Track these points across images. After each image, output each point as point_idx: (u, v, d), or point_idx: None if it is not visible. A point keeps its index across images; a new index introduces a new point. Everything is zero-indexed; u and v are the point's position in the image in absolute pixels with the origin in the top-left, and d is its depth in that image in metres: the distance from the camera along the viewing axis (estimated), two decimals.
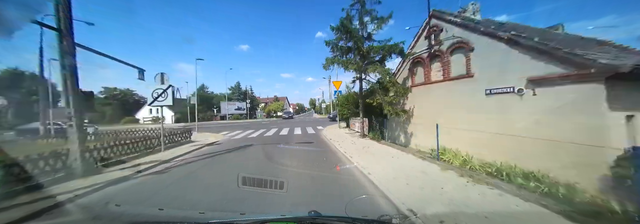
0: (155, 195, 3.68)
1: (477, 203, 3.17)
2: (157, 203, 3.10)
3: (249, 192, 2.95)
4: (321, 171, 5.36)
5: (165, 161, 6.54)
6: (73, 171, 4.72)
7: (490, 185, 3.95)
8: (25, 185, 3.33)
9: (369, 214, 1.37)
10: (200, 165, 6.17)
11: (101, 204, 2.31)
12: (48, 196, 2.90)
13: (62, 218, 1.63)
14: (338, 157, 6.90)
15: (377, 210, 2.41)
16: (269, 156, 7.12)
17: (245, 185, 2.41)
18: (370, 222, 1.25)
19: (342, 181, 4.54)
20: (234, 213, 2.61)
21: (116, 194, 3.78)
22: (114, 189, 4.13)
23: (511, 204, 3.18)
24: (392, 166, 5.40)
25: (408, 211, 2.73)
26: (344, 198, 3.36)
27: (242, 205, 3.01)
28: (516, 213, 2.89)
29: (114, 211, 2.02)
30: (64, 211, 1.80)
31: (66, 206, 1.98)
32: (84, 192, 3.77)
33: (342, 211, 1.43)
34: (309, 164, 6.07)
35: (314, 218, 1.24)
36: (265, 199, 3.11)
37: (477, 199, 3.35)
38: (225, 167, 5.95)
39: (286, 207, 2.95)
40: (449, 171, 4.88)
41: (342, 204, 1.85)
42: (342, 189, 4.05)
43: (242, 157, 7.07)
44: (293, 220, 1.20)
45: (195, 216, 2.04)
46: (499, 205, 3.13)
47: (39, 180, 3.83)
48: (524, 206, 3.06)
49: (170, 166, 6.04)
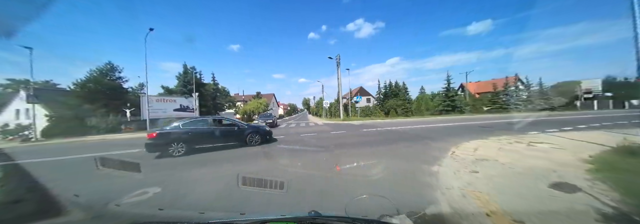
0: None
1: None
2: (157, 203, 2.97)
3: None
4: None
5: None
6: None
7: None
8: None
9: (369, 214, 1.36)
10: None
11: (101, 204, 2.13)
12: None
13: (61, 217, 1.34)
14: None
15: (377, 210, 1.82)
16: None
17: (245, 185, 2.33)
18: (370, 222, 1.23)
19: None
20: (234, 213, 2.62)
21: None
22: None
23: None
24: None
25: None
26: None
27: (242, 205, 2.91)
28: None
29: (114, 211, 1.93)
30: (64, 211, 1.48)
31: (66, 206, 1.62)
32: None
33: (342, 211, 1.47)
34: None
35: (314, 218, 1.22)
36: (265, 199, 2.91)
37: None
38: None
39: (286, 207, 2.88)
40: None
41: (342, 204, 2.04)
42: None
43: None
44: (293, 220, 1.17)
45: (195, 216, 2.00)
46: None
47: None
48: None
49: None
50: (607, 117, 16.73)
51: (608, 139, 6.31)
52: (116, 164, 3.20)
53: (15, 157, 5.95)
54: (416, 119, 22.49)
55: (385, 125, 15.67)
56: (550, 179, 3.33)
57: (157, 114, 22.11)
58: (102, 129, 18.75)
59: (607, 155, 4.63)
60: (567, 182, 3.21)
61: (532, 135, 8.16)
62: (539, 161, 4.44)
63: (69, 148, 10.29)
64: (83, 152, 8.54)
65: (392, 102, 31.01)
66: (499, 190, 3.03)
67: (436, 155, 5.58)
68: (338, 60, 25.35)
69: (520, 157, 4.89)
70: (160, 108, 22.53)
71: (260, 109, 39.75)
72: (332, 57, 25.81)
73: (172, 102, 23.81)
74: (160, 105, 22.63)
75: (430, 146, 6.89)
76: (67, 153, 8.41)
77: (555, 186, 3.06)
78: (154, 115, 21.87)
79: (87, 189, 3.68)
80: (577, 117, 18.16)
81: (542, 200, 2.68)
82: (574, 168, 3.91)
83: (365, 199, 2.48)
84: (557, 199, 2.70)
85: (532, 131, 9.04)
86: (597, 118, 15.78)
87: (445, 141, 7.74)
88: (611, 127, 9.88)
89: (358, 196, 2.67)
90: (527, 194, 2.86)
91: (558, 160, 4.48)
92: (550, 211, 2.41)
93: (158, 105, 22.46)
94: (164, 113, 22.65)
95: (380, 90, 34.73)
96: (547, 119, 15.95)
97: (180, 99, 24.68)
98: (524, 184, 3.25)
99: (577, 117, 17.40)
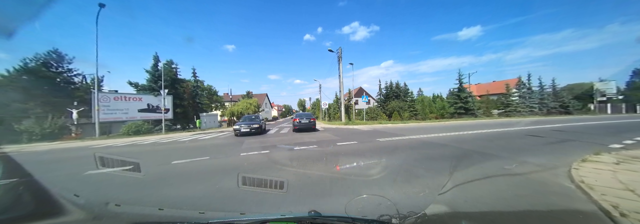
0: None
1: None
2: (157, 203, 3.04)
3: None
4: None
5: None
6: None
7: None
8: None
9: (369, 214, 1.38)
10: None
11: (101, 204, 1.89)
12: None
13: (61, 217, 1.29)
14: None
15: (377, 210, 2.04)
16: None
17: (245, 185, 2.35)
18: (370, 222, 1.24)
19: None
20: (234, 212, 2.60)
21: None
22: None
23: None
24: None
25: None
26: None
27: (242, 205, 2.84)
28: None
29: (114, 211, 1.81)
30: (64, 211, 1.40)
31: (66, 206, 1.50)
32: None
33: (342, 211, 1.57)
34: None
35: (314, 218, 1.24)
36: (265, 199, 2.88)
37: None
38: None
39: (286, 207, 2.74)
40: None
41: (342, 204, 2.18)
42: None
43: None
44: (293, 220, 1.19)
45: (195, 216, 2.04)
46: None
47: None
48: None
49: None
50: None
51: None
52: (116, 164, 2.84)
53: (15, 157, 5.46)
54: (431, 124, 19.02)
55: (401, 132, 12.03)
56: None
57: (116, 115, 17.86)
58: (36, 134, 14.43)
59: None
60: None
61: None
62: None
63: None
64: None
65: (394, 103, 27.70)
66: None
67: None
68: (340, 54, 21.72)
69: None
70: (121, 108, 18.28)
71: (250, 110, 35.68)
72: (333, 50, 22.16)
73: (137, 101, 19.56)
74: (121, 104, 18.37)
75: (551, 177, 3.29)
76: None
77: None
78: (112, 117, 17.61)
79: (87, 189, 3.77)
80: (620, 122, 16.07)
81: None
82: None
83: (365, 199, 2.60)
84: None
85: (615, 143, 7.00)
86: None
87: (551, 159, 4.22)
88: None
89: (358, 196, 2.79)
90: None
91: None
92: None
93: (118, 104, 18.21)
94: (125, 114, 18.41)
95: (381, 91, 31.48)
96: (589, 125, 13.61)
97: (148, 98, 20.44)
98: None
99: (620, 122, 15.53)
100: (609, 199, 2.75)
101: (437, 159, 5.38)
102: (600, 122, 15.56)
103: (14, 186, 1.39)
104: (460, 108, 26.91)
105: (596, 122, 15.60)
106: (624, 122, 15.28)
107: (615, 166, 4.35)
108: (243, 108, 35.35)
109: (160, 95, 19.22)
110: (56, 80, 17.02)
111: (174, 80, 24.57)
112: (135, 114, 18.99)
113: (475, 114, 27.06)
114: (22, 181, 1.54)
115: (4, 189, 1.33)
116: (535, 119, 21.58)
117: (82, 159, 7.17)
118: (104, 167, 2.74)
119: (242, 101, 38.47)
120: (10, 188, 1.36)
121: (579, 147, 6.47)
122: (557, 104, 31.64)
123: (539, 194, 3.15)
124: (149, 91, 21.67)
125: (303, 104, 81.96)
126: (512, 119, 24.10)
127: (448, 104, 28.39)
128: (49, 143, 13.34)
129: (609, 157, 5.09)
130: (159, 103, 20.11)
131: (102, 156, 2.77)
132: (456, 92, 28.23)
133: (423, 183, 3.61)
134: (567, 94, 32.41)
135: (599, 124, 14.66)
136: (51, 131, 14.85)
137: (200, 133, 16.89)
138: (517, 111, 28.97)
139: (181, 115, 24.68)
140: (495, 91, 40.14)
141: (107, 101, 17.08)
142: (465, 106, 26.76)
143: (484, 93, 41.11)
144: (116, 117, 17.68)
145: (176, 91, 24.02)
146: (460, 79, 28.23)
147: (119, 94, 18.72)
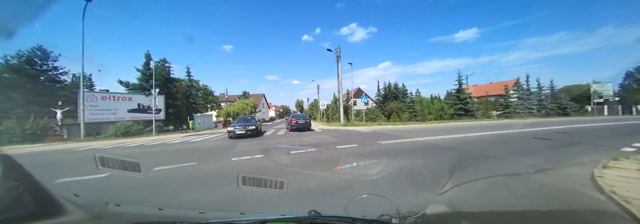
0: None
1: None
2: (157, 203, 3.06)
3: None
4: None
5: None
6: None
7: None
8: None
9: (369, 214, 1.35)
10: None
11: (101, 204, 1.86)
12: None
13: (61, 217, 1.25)
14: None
15: (377, 210, 1.79)
16: None
17: (245, 185, 2.30)
18: (370, 222, 1.23)
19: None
20: (234, 212, 2.61)
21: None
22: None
23: None
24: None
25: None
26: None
27: (242, 205, 2.89)
28: None
29: (114, 211, 1.79)
30: (64, 211, 1.35)
31: (66, 205, 1.42)
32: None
33: (342, 211, 1.52)
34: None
35: (313, 218, 1.23)
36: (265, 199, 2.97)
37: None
38: None
39: (286, 207, 2.85)
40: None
41: (341, 204, 2.10)
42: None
43: None
44: (293, 220, 1.19)
45: (195, 216, 2.01)
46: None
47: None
48: None
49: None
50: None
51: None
52: (116, 164, 2.71)
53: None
54: (431, 125, 18.58)
55: (403, 134, 11.52)
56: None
57: (104, 116, 17.05)
58: (16, 136, 13.59)
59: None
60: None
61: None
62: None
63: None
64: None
65: (393, 104, 27.27)
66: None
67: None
68: (338, 53, 21.18)
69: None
70: (109, 108, 17.47)
71: (246, 110, 34.97)
72: (331, 50, 21.62)
73: (127, 101, 18.76)
74: (109, 104, 17.56)
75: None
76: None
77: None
78: (100, 117, 16.81)
79: (87, 189, 3.78)
80: (620, 123, 15.93)
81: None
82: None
83: (365, 198, 2.53)
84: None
85: (626, 147, 6.54)
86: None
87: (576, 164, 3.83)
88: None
89: (358, 196, 2.72)
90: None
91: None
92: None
93: (106, 104, 17.41)
94: (114, 115, 17.60)
95: (380, 92, 31.04)
96: (591, 127, 13.33)
97: (139, 97, 19.65)
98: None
99: (620, 124, 15.41)
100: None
101: (449, 164, 4.85)
102: (601, 124, 15.25)
103: (14, 186, 1.34)
104: (460, 109, 26.57)
105: (597, 124, 15.29)
106: (625, 124, 15.04)
107: (624, 170, 3.96)
108: (239, 109, 34.62)
109: (151, 95, 18.45)
110: (40, 78, 16.18)
111: (167, 79, 23.78)
112: (125, 115, 18.19)
113: (475, 115, 26.75)
114: (22, 181, 1.44)
115: (4, 189, 1.30)
116: (534, 121, 21.32)
117: (57, 165, 6.49)
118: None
119: (239, 101, 37.74)
120: (10, 188, 1.32)
121: (591, 151, 6.05)
122: (555, 106, 31.55)
123: (568, 206, 2.79)
124: (139, 90, 20.87)
125: (301, 104, 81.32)
126: (512, 120, 23.83)
127: (447, 105, 28.03)
128: (30, 145, 12.54)
129: (630, 163, 4.70)
130: (150, 103, 19.32)
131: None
132: (455, 93, 27.89)
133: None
134: (565, 96, 32.35)
135: (600, 125, 14.35)
136: (33, 132, 14.01)
137: (192, 135, 16.17)
138: (516, 112, 28.76)
139: (174, 115, 23.88)
140: (493, 92, 40.03)
141: (94, 100, 16.28)
142: (464, 107, 26.42)
143: (482, 94, 40.98)
144: (104, 118, 16.88)
145: (169, 91, 23.23)
146: (459, 79, 27.94)
147: (107, 94, 17.90)
